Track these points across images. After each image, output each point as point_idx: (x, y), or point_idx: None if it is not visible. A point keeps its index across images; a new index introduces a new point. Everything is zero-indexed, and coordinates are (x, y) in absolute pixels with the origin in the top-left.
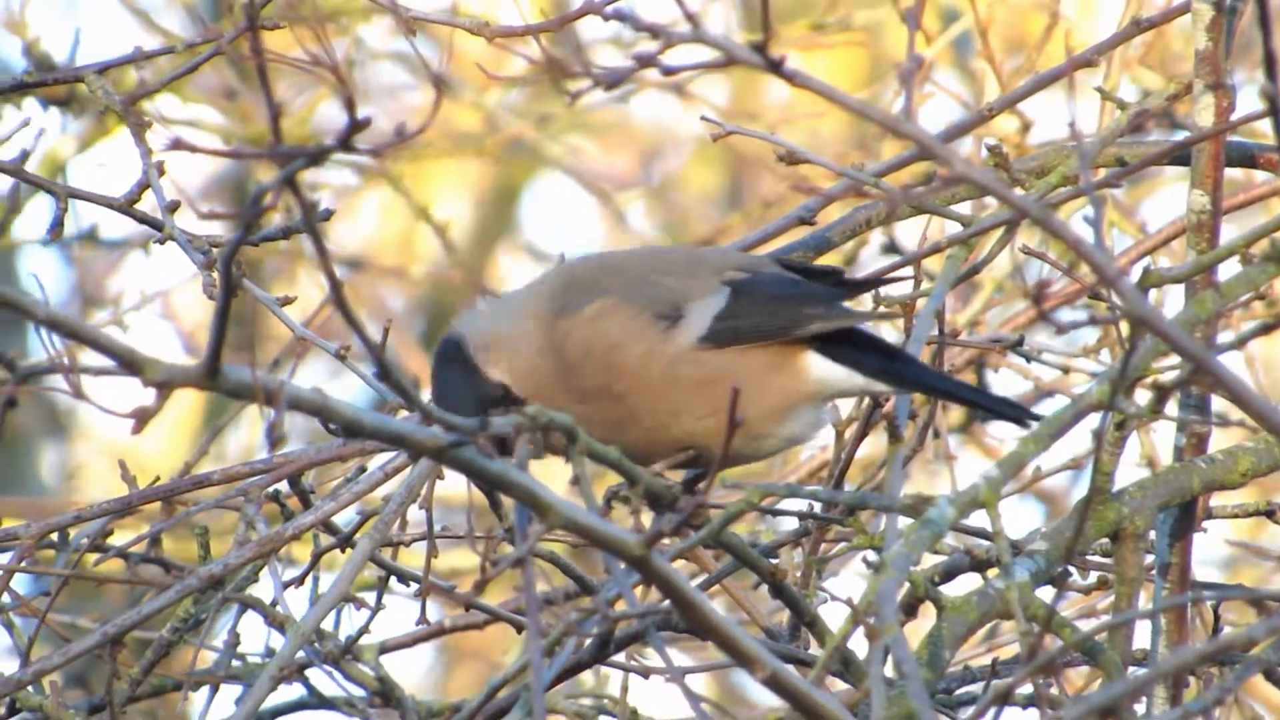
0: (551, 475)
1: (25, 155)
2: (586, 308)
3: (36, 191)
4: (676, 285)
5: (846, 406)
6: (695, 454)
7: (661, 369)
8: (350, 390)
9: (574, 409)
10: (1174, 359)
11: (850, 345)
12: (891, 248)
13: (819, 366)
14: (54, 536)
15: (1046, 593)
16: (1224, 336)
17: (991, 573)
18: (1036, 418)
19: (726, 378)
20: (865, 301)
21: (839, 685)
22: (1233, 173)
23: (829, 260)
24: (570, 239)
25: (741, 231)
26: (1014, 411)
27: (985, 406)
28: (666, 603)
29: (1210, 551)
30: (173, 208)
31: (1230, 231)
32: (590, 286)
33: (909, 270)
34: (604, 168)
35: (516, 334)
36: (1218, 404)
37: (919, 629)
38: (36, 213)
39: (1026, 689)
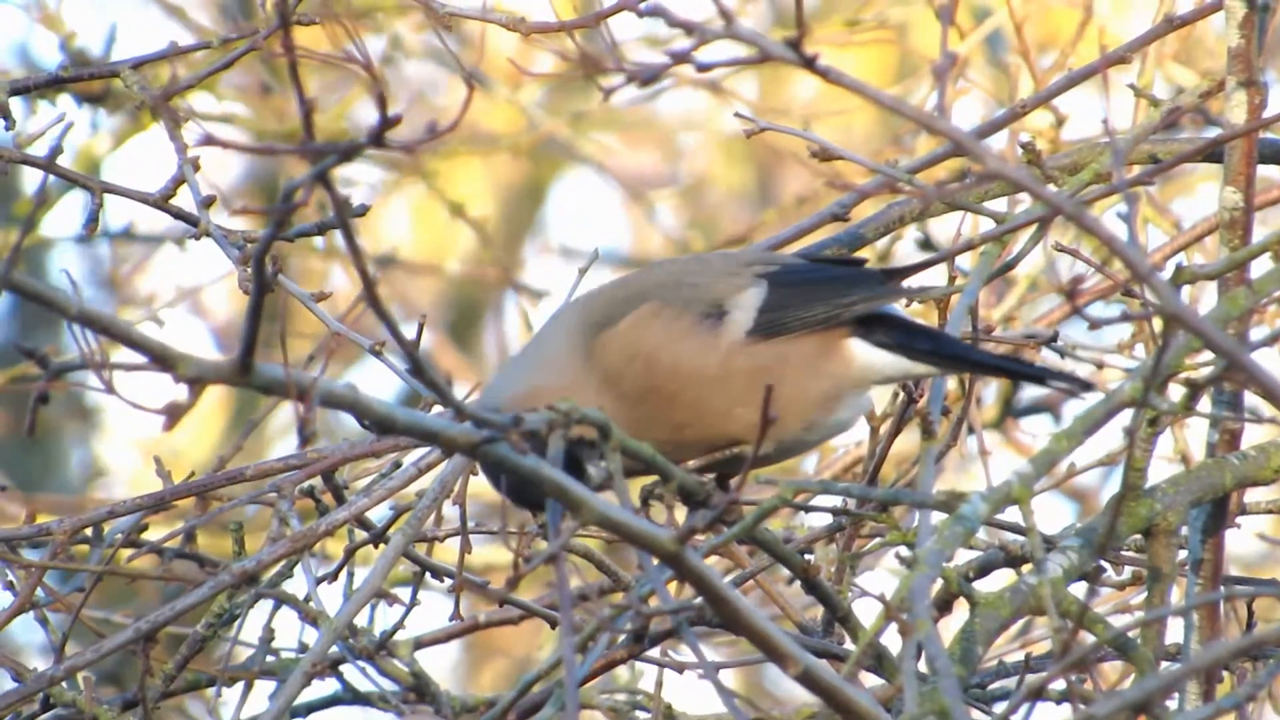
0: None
1: (57, 150)
2: (624, 319)
3: (71, 187)
4: (712, 285)
5: (880, 403)
6: (739, 449)
7: (716, 364)
8: (384, 385)
9: (625, 415)
10: (1207, 355)
11: (891, 329)
12: (926, 244)
13: (864, 352)
14: (87, 532)
15: (1080, 589)
16: (1257, 333)
17: (1025, 568)
18: (1090, 386)
19: (779, 367)
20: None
21: (872, 681)
22: (1265, 169)
23: (862, 256)
24: (597, 237)
25: (774, 228)
26: (1063, 382)
27: (1031, 377)
28: (700, 599)
29: (1243, 547)
30: (208, 203)
31: (1263, 228)
32: (623, 301)
33: (941, 264)
34: (632, 165)
35: (553, 374)
36: (1250, 400)
37: (952, 625)
38: (71, 209)
39: (1059, 684)
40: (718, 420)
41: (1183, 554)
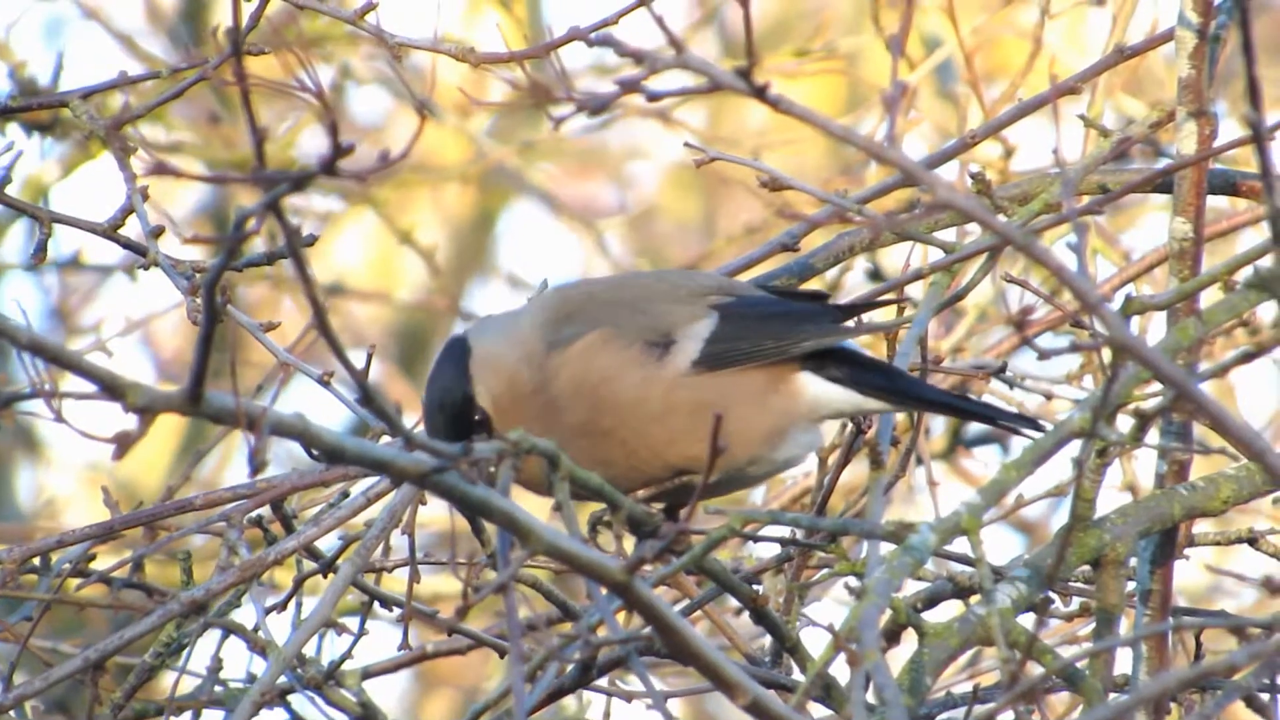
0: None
1: (5, 179)
2: (576, 342)
3: (19, 216)
4: (664, 312)
5: (829, 433)
6: (687, 479)
7: (658, 398)
8: (333, 415)
9: (567, 441)
10: (1156, 386)
11: (842, 364)
12: (875, 274)
13: (814, 386)
14: (35, 562)
15: (1028, 619)
16: (1206, 364)
17: (973, 599)
18: (1038, 425)
19: (722, 401)
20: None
21: (821, 711)
22: (1215, 200)
23: (811, 287)
24: (546, 266)
25: (724, 257)
26: (1012, 421)
27: (981, 416)
28: (649, 628)
29: (1191, 578)
30: (156, 233)
31: (1212, 259)
32: (580, 318)
33: (893, 295)
34: (581, 194)
35: (510, 362)
36: (1199, 431)
37: (901, 655)
38: (18, 238)
39: (1008, 715)
40: (659, 452)
41: (1131, 585)
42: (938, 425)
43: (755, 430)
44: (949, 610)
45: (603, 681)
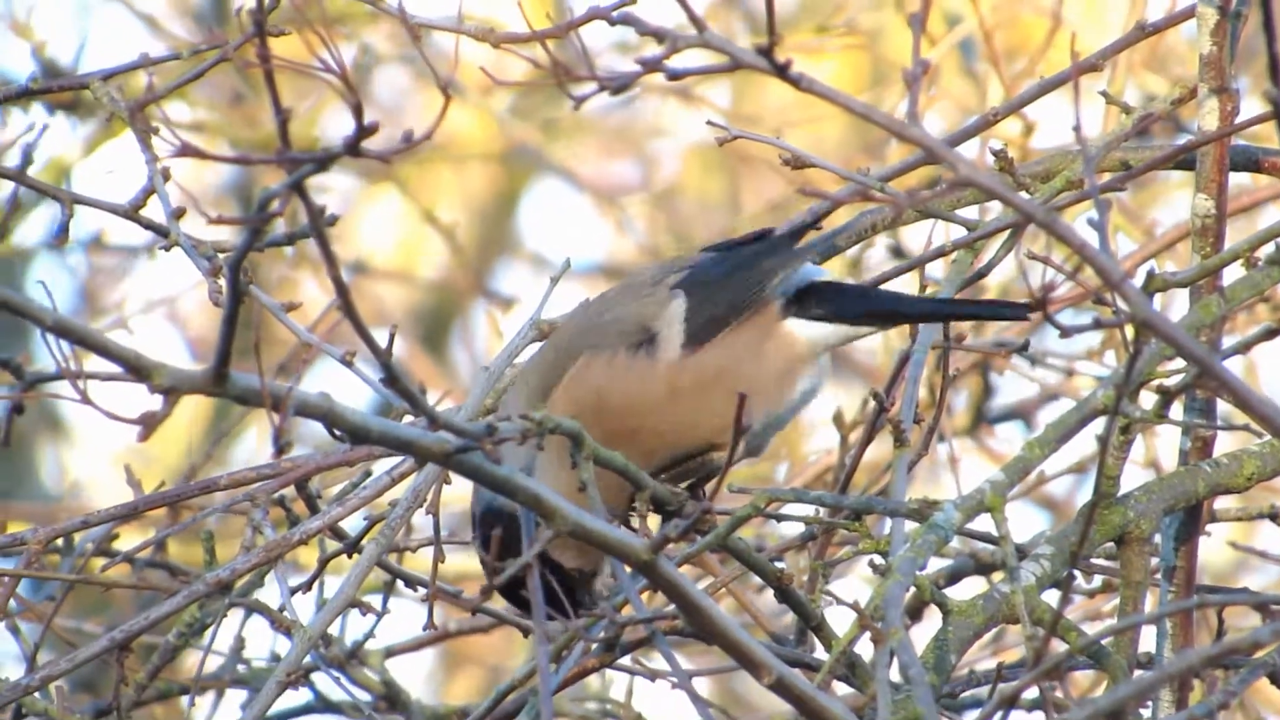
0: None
1: (28, 159)
2: (565, 375)
3: (43, 197)
4: (632, 312)
5: (851, 410)
6: (719, 455)
7: (663, 388)
8: (357, 396)
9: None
10: (1179, 363)
11: (823, 299)
12: (897, 252)
13: (802, 329)
14: (59, 541)
15: (1052, 596)
16: (1229, 340)
17: (997, 577)
18: (1029, 307)
19: (726, 366)
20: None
21: (845, 690)
22: (1237, 176)
23: (834, 265)
24: (570, 245)
25: None
26: (1008, 310)
27: (967, 315)
28: (672, 607)
29: (1214, 555)
30: (178, 214)
31: (1234, 235)
32: (553, 365)
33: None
34: (604, 173)
35: None
36: (1223, 408)
37: (925, 633)
38: (42, 218)
39: (1032, 693)
40: (687, 434)
41: (1155, 561)
42: (960, 402)
43: (765, 381)
44: (972, 587)
45: (627, 661)
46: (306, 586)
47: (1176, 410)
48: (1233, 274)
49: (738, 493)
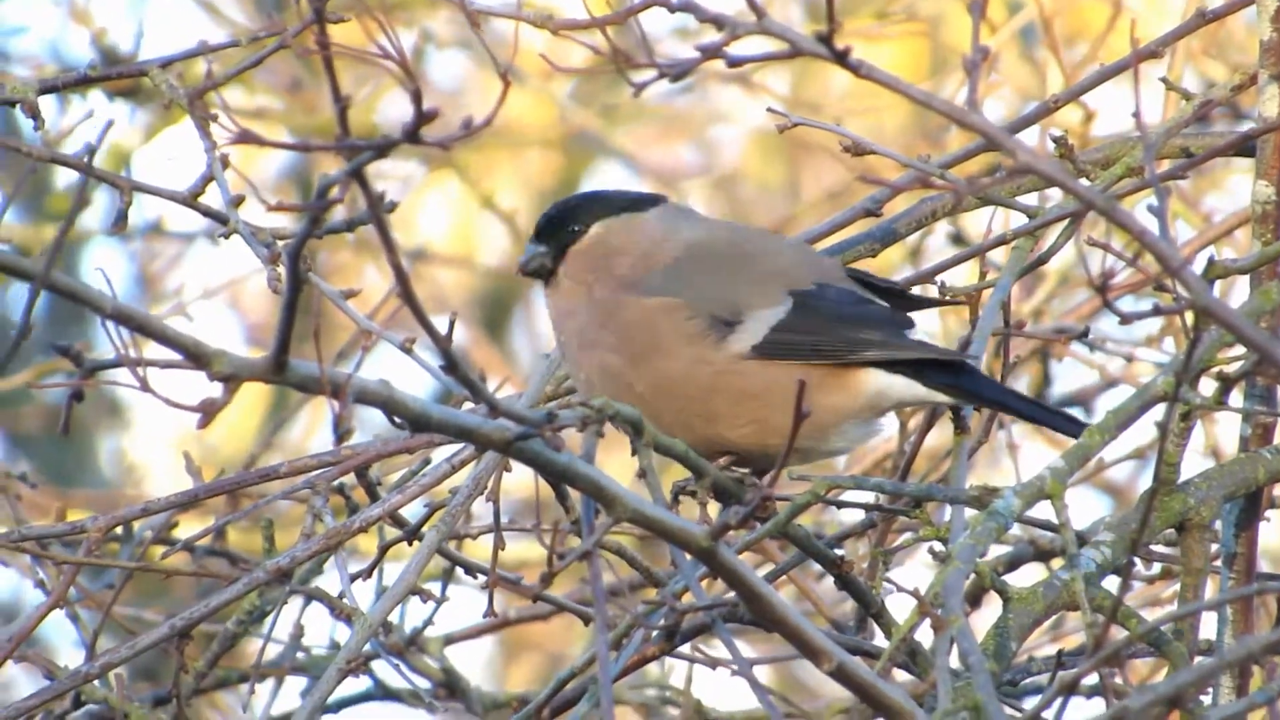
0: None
1: (91, 150)
2: (644, 301)
3: (101, 183)
4: (742, 288)
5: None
6: (726, 460)
7: (705, 377)
8: (416, 383)
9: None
10: (1239, 349)
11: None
12: (957, 239)
13: (878, 380)
14: (119, 529)
15: (1112, 583)
16: None
17: (1057, 563)
18: (1079, 426)
19: (773, 392)
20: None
21: (905, 677)
22: None
23: (893, 252)
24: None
25: (807, 222)
26: (1067, 424)
27: (1039, 420)
28: (733, 594)
29: (1275, 541)
30: (237, 202)
31: None
32: (677, 271)
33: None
34: (663, 158)
35: (612, 246)
36: None
37: (985, 620)
38: (102, 205)
39: (1092, 679)
40: (694, 427)
41: (1215, 548)
42: (1020, 387)
43: (803, 424)
44: (1032, 574)
45: (687, 648)
46: (366, 573)
47: (1236, 397)
48: None
49: (797, 480)
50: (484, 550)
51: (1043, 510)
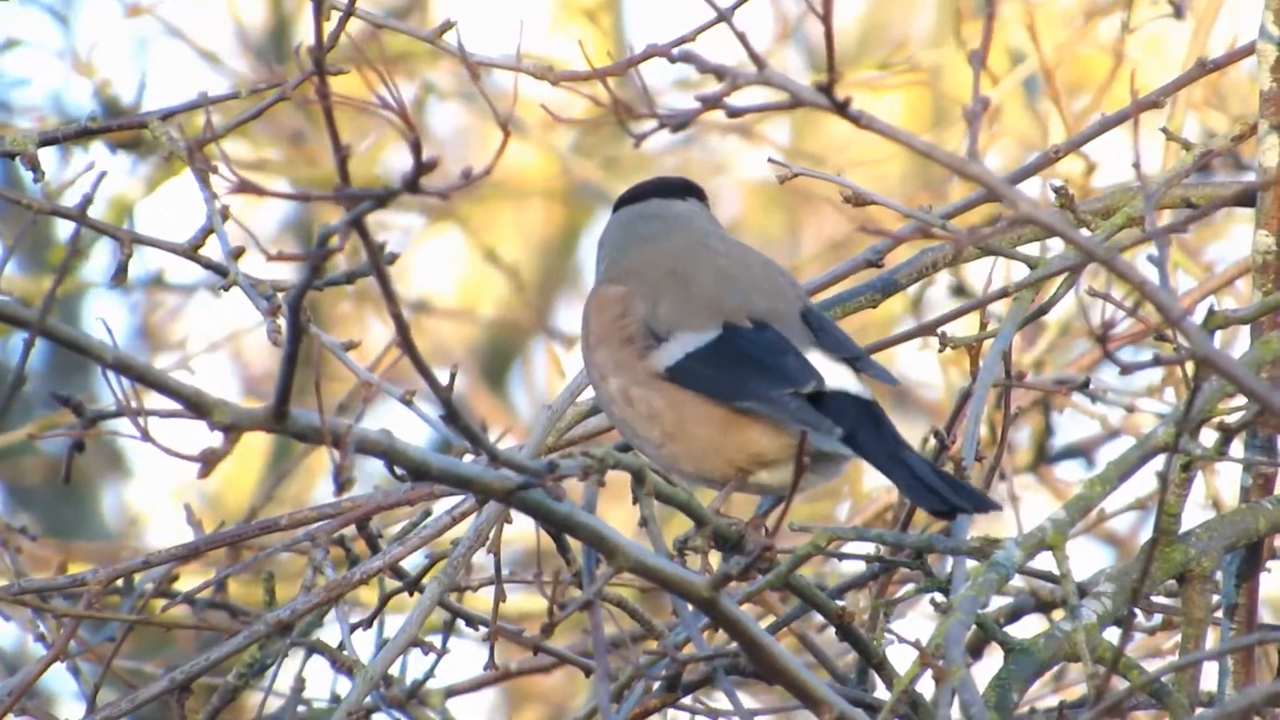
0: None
1: (88, 201)
2: (606, 285)
3: (101, 235)
4: (682, 306)
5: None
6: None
7: (621, 383)
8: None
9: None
10: (1240, 400)
11: (837, 405)
12: (959, 289)
13: (757, 430)
14: (119, 582)
15: (1113, 634)
16: None
17: (1058, 614)
18: (951, 514)
19: (676, 418)
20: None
21: None
22: None
23: (895, 303)
24: None
25: (809, 273)
26: (938, 503)
27: (915, 498)
28: (734, 645)
29: (1275, 591)
30: (237, 253)
31: None
32: (638, 263)
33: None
34: None
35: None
36: None
37: (986, 671)
38: (103, 257)
39: None
40: (630, 435)
41: (1216, 598)
42: (1023, 439)
43: (712, 458)
44: (1034, 625)
45: (689, 700)
46: (367, 624)
47: (1237, 447)
48: None
49: (799, 530)
50: (485, 602)
51: (1044, 561)
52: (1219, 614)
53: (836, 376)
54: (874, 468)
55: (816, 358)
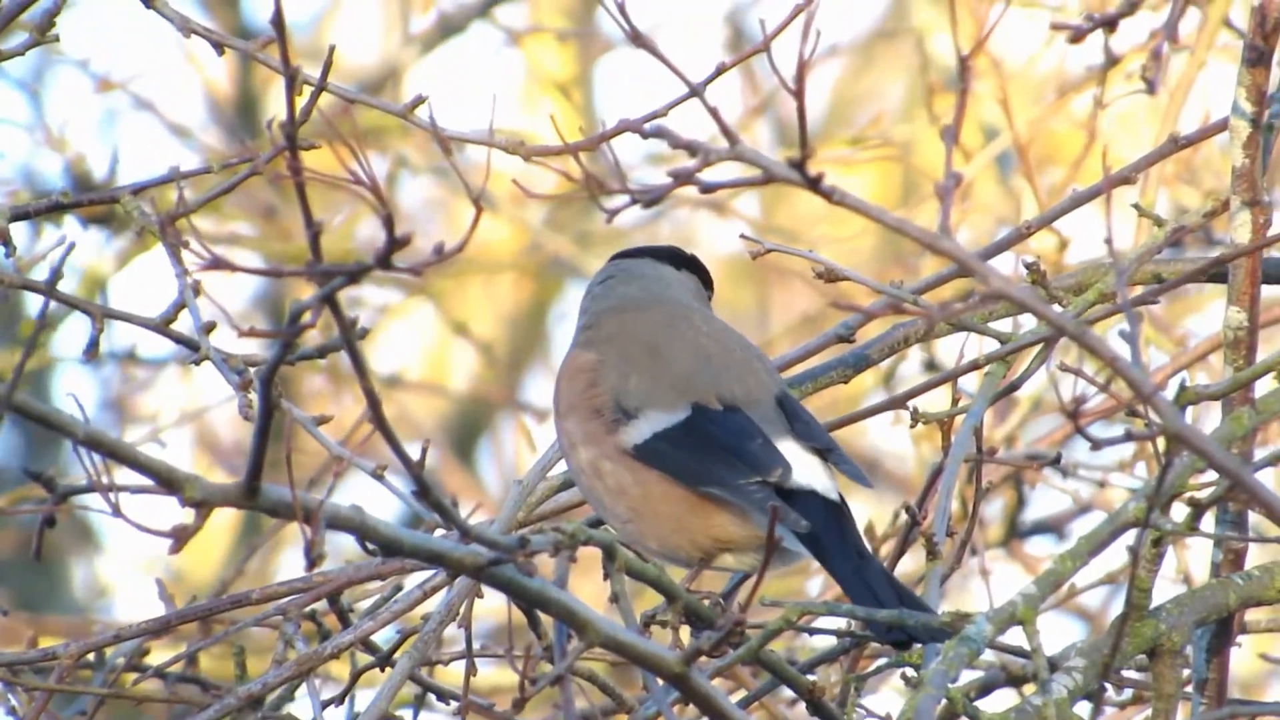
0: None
1: (57, 274)
2: (580, 351)
3: (74, 309)
4: (652, 384)
5: (882, 523)
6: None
7: (591, 454)
8: (387, 509)
9: None
10: (1211, 475)
11: (803, 503)
12: (930, 365)
13: (721, 516)
14: (91, 656)
15: (1084, 709)
16: (1261, 453)
17: (1029, 689)
18: (907, 644)
19: (642, 495)
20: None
21: None
22: (1270, 289)
23: (867, 378)
24: None
25: (780, 348)
26: (896, 635)
27: (872, 629)
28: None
29: (1243, 666)
30: (208, 328)
31: (1267, 348)
32: (614, 330)
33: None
34: None
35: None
36: (1254, 520)
37: None
38: (77, 328)
39: None
40: (600, 510)
41: (1186, 673)
42: (994, 514)
43: (675, 540)
44: (1004, 699)
45: None
46: (339, 700)
47: (1208, 522)
48: (1265, 386)
49: (770, 605)
50: (456, 676)
51: (1015, 636)
52: (1189, 689)
53: (806, 469)
54: (833, 579)
55: (787, 446)
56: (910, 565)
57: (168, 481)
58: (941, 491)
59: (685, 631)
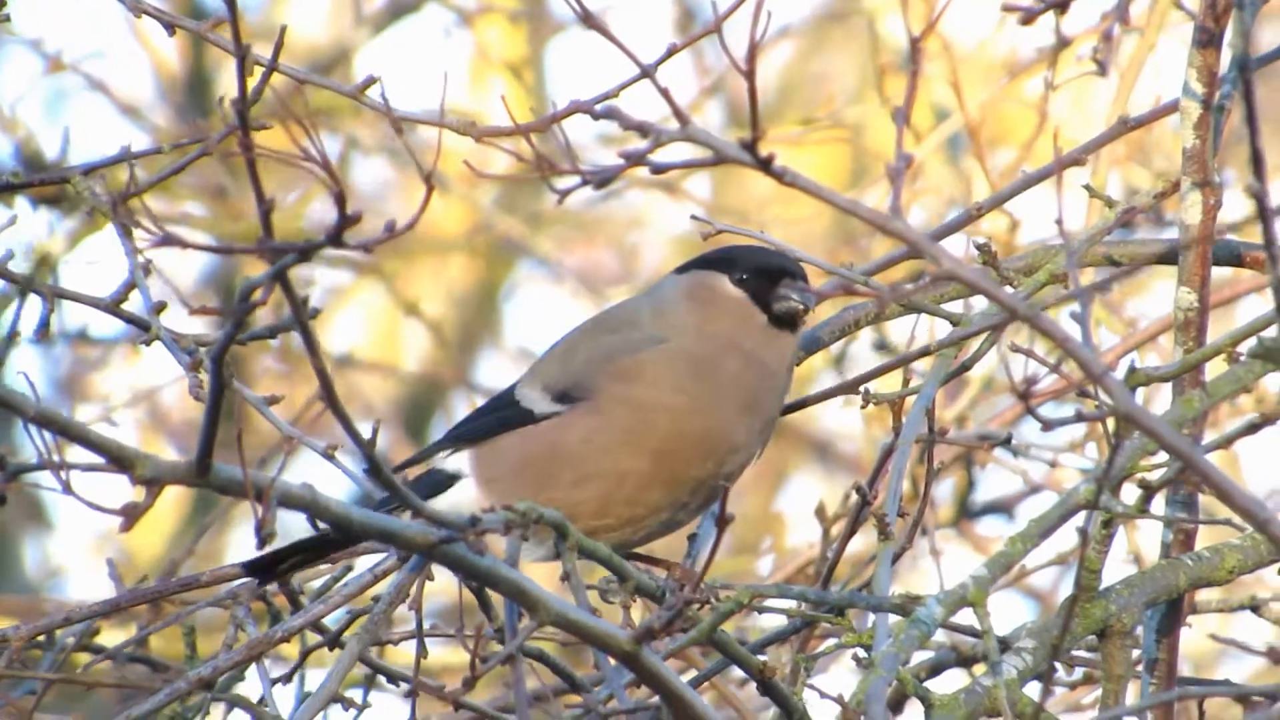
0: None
1: (10, 255)
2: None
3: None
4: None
5: (834, 503)
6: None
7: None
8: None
9: None
10: (1161, 457)
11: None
12: (881, 346)
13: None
14: (41, 637)
15: (1034, 689)
16: (1211, 435)
17: (979, 670)
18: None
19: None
20: None
21: None
22: (1220, 270)
23: (818, 360)
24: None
25: None
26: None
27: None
28: (656, 699)
29: (1194, 646)
30: (159, 308)
31: (1217, 329)
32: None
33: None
34: (587, 263)
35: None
36: (1204, 501)
37: None
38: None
39: None
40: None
41: (1136, 654)
42: (945, 495)
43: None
44: (955, 680)
45: None
46: (287, 678)
47: (1159, 504)
48: (1215, 368)
49: (721, 587)
50: (406, 656)
51: (966, 616)
52: (1139, 669)
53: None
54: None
55: None
56: (861, 545)
57: (119, 459)
58: (893, 472)
59: (636, 610)
